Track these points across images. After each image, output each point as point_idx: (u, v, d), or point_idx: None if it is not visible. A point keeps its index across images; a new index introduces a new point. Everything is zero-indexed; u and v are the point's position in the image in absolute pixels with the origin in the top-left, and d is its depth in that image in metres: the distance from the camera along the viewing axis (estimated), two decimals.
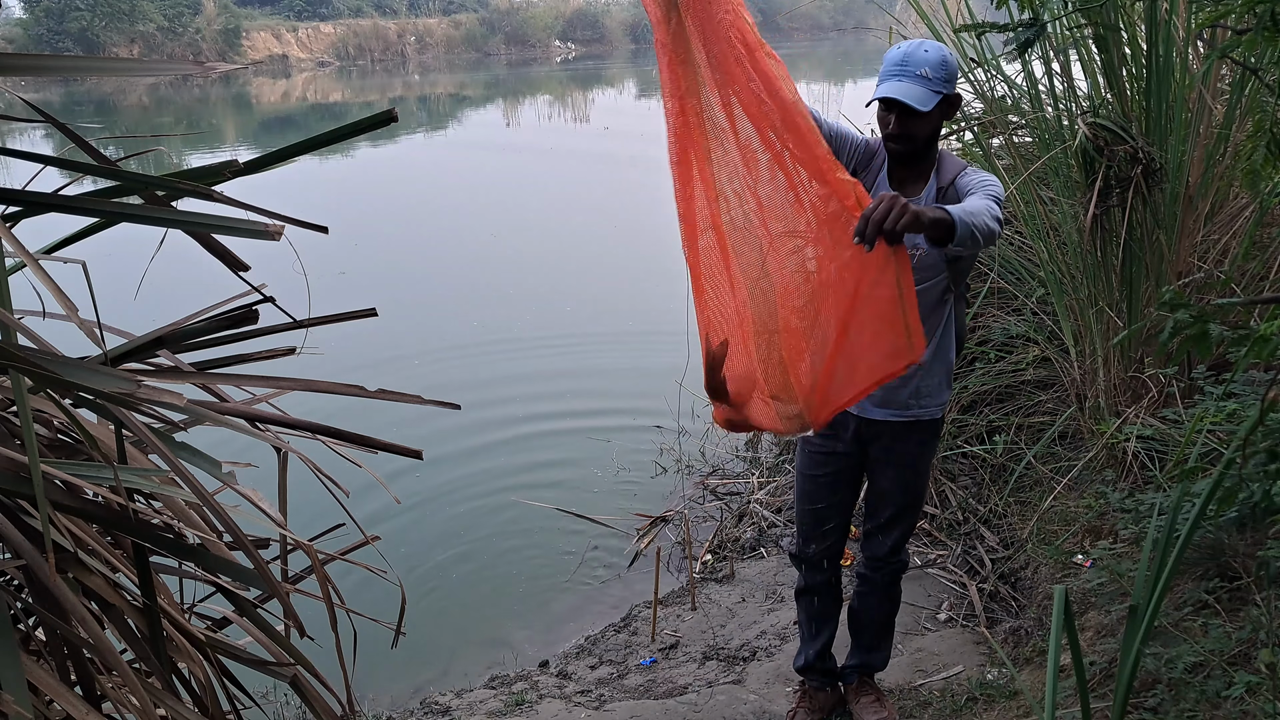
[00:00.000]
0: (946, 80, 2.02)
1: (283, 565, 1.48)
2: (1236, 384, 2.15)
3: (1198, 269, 3.14)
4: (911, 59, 2.01)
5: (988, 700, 2.64)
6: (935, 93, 2.00)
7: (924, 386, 2.29)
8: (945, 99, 2.03)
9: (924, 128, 2.04)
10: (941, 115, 2.07)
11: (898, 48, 2.05)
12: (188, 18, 35.12)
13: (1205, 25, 2.21)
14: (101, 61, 1.94)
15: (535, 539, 4.29)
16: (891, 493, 2.46)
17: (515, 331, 6.90)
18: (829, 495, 2.48)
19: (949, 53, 2.03)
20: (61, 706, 1.11)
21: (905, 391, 2.29)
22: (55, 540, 1.04)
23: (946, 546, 3.60)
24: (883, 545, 2.53)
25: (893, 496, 2.46)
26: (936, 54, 2.01)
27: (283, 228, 1.03)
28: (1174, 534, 1.53)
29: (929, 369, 2.27)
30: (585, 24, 45.41)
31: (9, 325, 0.99)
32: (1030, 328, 3.71)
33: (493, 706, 3.11)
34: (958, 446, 3.81)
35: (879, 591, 2.61)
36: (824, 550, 2.56)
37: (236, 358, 1.42)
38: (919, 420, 2.34)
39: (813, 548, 2.55)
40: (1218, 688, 1.92)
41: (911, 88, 1.99)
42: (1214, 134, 3.04)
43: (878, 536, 2.54)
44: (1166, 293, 1.33)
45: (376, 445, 1.33)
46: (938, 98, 2.00)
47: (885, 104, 2.04)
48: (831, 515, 2.51)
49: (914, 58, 2.01)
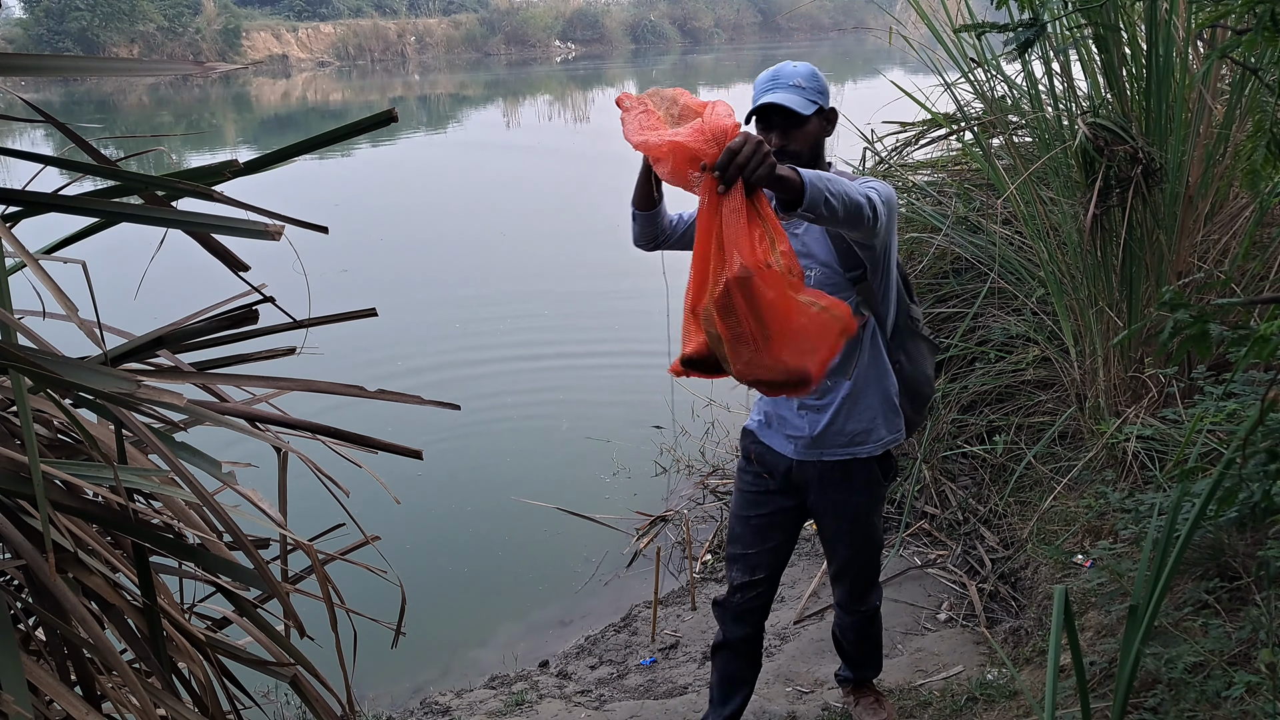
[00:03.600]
0: (820, 92, 2.01)
1: (283, 565, 1.48)
2: (1236, 384, 2.15)
3: (1198, 269, 3.14)
4: (781, 73, 2.01)
5: (988, 700, 2.64)
6: (811, 101, 1.98)
7: (854, 424, 2.15)
8: (822, 111, 2.01)
9: (805, 139, 2.00)
10: (821, 130, 2.03)
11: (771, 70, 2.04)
12: (188, 18, 35.15)
13: (1205, 25, 2.21)
14: (101, 61, 1.94)
15: (535, 539, 4.29)
16: (834, 543, 2.34)
17: (516, 331, 6.90)
18: (759, 542, 2.31)
19: (815, 70, 2.04)
20: (61, 706, 1.11)
21: (833, 429, 2.15)
22: (55, 540, 1.04)
23: (946, 546, 3.60)
24: (843, 594, 2.44)
25: (837, 548, 2.35)
26: (806, 68, 2.02)
27: (283, 228, 1.03)
28: (1174, 534, 1.53)
29: (857, 404, 2.14)
30: (585, 24, 45.42)
31: (9, 325, 0.99)
32: (1030, 328, 3.71)
33: (493, 706, 3.11)
34: (958, 446, 3.81)
35: (853, 631, 2.54)
36: (749, 601, 2.36)
37: (236, 358, 1.42)
38: (855, 459, 2.18)
39: (738, 596, 2.36)
40: (1218, 688, 1.92)
41: (788, 95, 1.97)
42: (1214, 134, 3.04)
43: (835, 585, 2.46)
44: (1166, 293, 1.33)
45: (376, 445, 1.33)
46: (814, 106, 1.99)
47: (764, 119, 2.01)
48: (762, 564, 2.32)
49: (784, 72, 2.01)
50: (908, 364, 2.21)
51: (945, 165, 4.73)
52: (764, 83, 2.03)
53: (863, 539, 2.33)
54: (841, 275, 2.05)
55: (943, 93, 3.97)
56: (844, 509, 2.26)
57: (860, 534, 2.31)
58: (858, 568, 2.38)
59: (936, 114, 4.32)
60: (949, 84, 3.90)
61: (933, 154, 4.80)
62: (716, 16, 49.71)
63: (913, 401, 2.25)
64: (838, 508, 2.26)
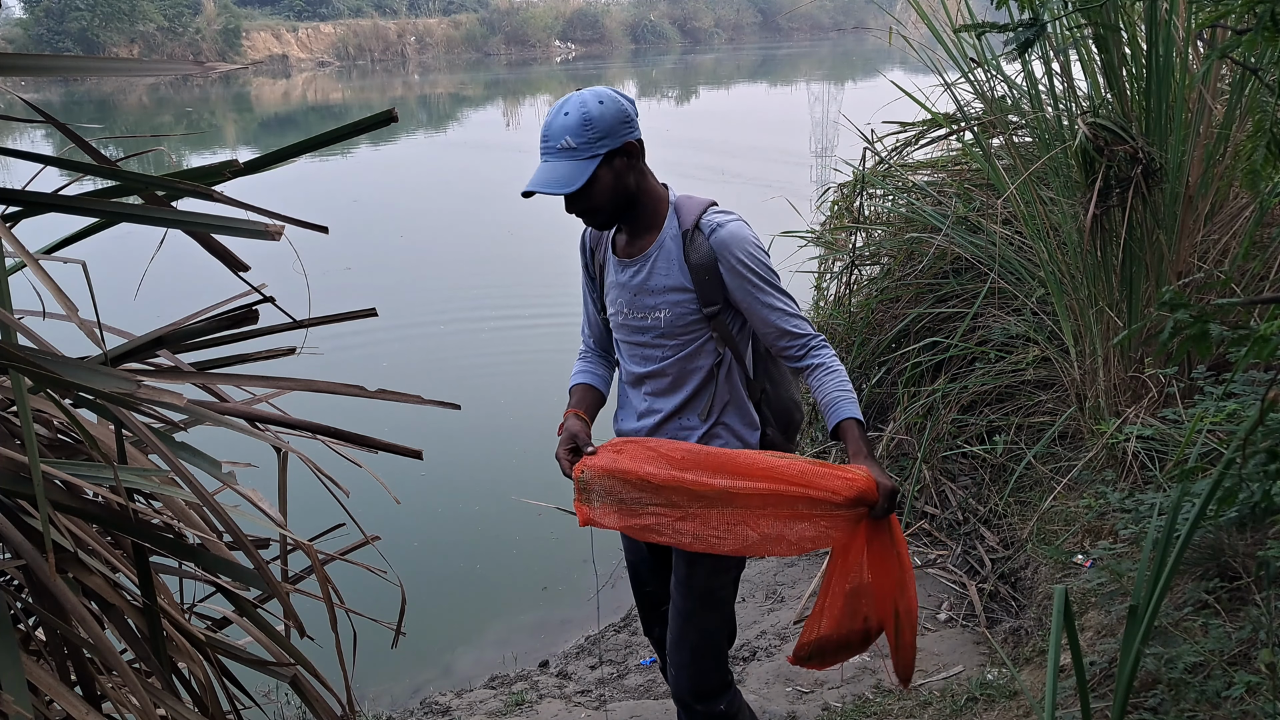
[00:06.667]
0: (599, 139, 1.77)
1: (283, 565, 1.48)
2: (1236, 384, 2.15)
3: (1198, 269, 3.14)
4: (550, 132, 1.79)
5: (988, 700, 2.64)
6: (587, 160, 1.76)
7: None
8: (610, 155, 1.78)
9: (602, 195, 1.81)
10: (621, 171, 1.82)
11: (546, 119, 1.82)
12: (188, 18, 35.17)
13: (1205, 25, 2.21)
14: (101, 61, 1.94)
15: (535, 539, 4.29)
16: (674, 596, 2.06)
17: (516, 330, 6.90)
18: (653, 579, 2.20)
19: (595, 105, 1.77)
20: (61, 706, 1.11)
21: None
22: (55, 540, 1.04)
23: (946, 546, 3.60)
24: (679, 680, 2.05)
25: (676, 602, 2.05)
26: (577, 115, 1.76)
27: (283, 228, 1.03)
28: (1174, 534, 1.53)
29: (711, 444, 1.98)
30: (585, 24, 45.44)
31: (9, 325, 0.99)
32: (1030, 328, 3.71)
33: (493, 706, 3.11)
34: (958, 446, 3.81)
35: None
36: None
37: (236, 358, 1.42)
38: None
39: (657, 630, 2.27)
40: (1218, 688, 1.92)
41: (553, 169, 1.78)
42: (1214, 134, 3.04)
43: (672, 667, 2.08)
44: (1166, 293, 1.33)
45: (376, 445, 1.33)
46: (592, 164, 1.77)
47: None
48: (662, 596, 2.19)
49: (552, 129, 1.79)
50: (773, 391, 2.07)
51: (945, 165, 4.73)
52: (541, 143, 1.82)
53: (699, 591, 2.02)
54: (698, 309, 1.92)
55: (943, 93, 3.97)
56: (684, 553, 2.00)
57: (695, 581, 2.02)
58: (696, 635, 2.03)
59: (936, 114, 4.32)
60: (949, 84, 3.90)
61: (933, 154, 4.80)
62: (716, 16, 49.72)
63: (785, 431, 2.11)
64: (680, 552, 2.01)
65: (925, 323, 4.14)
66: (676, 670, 2.06)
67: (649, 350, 2.00)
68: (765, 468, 1.80)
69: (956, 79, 3.84)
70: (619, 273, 2.00)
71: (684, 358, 1.97)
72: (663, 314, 1.94)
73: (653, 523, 1.86)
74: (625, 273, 1.98)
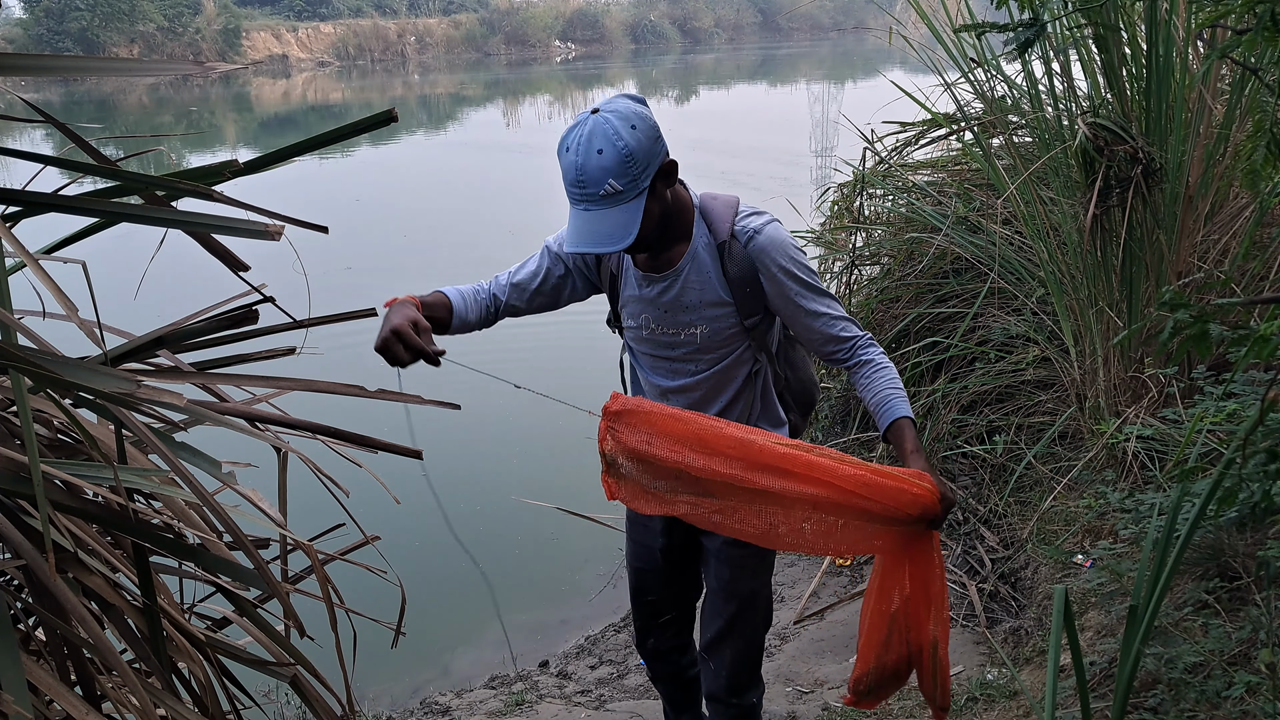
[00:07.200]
0: (642, 173, 1.60)
1: (283, 565, 1.48)
2: (1236, 384, 2.15)
3: (1198, 269, 3.14)
4: (587, 177, 1.59)
5: (988, 700, 2.64)
6: (634, 200, 1.61)
7: None
8: (654, 185, 1.64)
9: (645, 230, 1.65)
10: (662, 193, 1.69)
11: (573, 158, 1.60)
12: (188, 18, 35.17)
13: (1205, 25, 2.21)
14: (101, 61, 1.94)
15: (535, 538, 4.29)
16: (714, 598, 2.04)
17: (516, 330, 6.89)
18: (660, 589, 2.15)
19: (629, 134, 1.58)
20: (61, 706, 1.11)
21: None
22: (55, 540, 1.04)
23: (946, 546, 3.60)
24: (716, 678, 2.04)
25: (716, 604, 2.03)
26: (613, 152, 1.57)
27: (283, 228, 1.03)
28: (1174, 534, 1.53)
29: None
30: (585, 24, 45.43)
31: (9, 325, 0.99)
32: (1030, 328, 3.71)
33: (493, 706, 3.11)
34: (958, 446, 3.80)
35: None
36: (667, 641, 2.22)
37: (236, 358, 1.42)
38: None
39: (651, 642, 2.22)
40: (1218, 688, 1.92)
41: (601, 220, 1.61)
42: (1214, 134, 3.04)
43: (709, 664, 2.06)
44: (1166, 293, 1.33)
45: (376, 445, 1.33)
46: (640, 202, 1.61)
47: None
48: (666, 607, 2.16)
49: (588, 173, 1.58)
50: (793, 376, 2.02)
51: (945, 165, 4.73)
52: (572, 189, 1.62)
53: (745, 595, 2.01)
54: (738, 322, 1.83)
55: (943, 93, 3.98)
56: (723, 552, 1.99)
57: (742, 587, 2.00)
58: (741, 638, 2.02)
59: (936, 114, 4.32)
60: (949, 84, 3.90)
61: (933, 154, 4.80)
62: (716, 16, 49.72)
63: (804, 412, 2.07)
64: (720, 551, 1.99)
65: (925, 323, 4.14)
66: (715, 670, 2.03)
67: (679, 365, 1.90)
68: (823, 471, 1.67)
69: (956, 79, 3.84)
70: (643, 287, 1.85)
71: (719, 371, 1.88)
72: (699, 330, 1.83)
73: (686, 512, 1.80)
74: (652, 288, 1.84)
